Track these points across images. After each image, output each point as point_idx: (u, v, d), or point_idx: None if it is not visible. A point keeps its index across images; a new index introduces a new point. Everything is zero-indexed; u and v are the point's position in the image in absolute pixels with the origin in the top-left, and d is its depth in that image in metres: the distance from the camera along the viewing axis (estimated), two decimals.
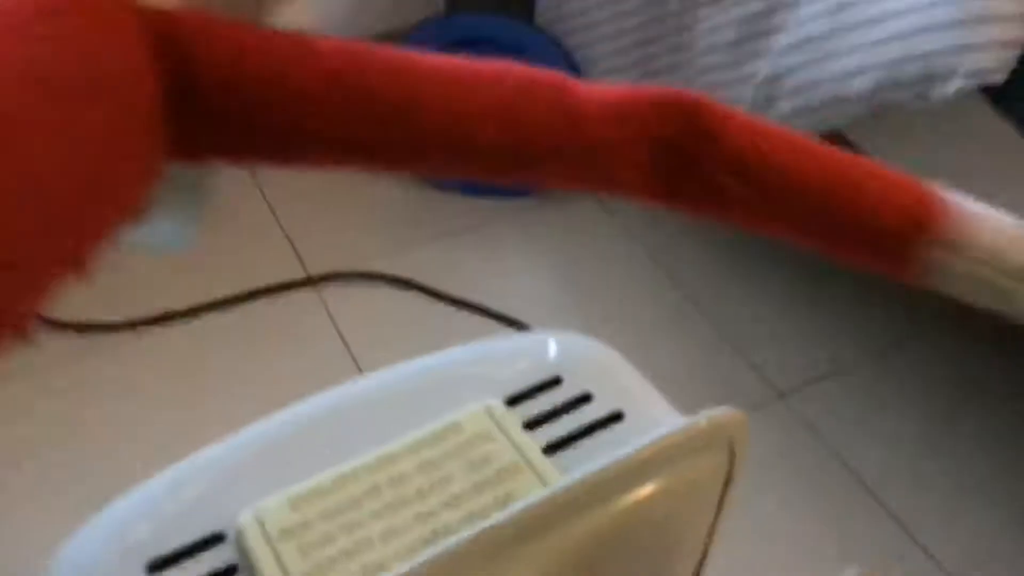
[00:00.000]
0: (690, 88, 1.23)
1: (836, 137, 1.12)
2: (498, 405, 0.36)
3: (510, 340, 0.40)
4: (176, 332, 1.16)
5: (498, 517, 0.29)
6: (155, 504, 0.33)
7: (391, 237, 1.30)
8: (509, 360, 0.38)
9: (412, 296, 1.23)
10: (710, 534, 0.35)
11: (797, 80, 1.03)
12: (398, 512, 0.33)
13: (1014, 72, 0.86)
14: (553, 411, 0.36)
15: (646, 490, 0.31)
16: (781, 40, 1.06)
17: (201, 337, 1.16)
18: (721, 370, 1.15)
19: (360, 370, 1.13)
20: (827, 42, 0.98)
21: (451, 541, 0.28)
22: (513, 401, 0.37)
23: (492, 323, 1.20)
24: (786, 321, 1.21)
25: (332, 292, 1.22)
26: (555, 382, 0.37)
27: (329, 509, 0.32)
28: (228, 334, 1.17)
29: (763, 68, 1.09)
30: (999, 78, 0.86)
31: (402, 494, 0.33)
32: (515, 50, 1.33)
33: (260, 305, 1.21)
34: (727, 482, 0.34)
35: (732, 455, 0.33)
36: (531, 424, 0.36)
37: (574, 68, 1.30)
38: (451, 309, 1.21)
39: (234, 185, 1.38)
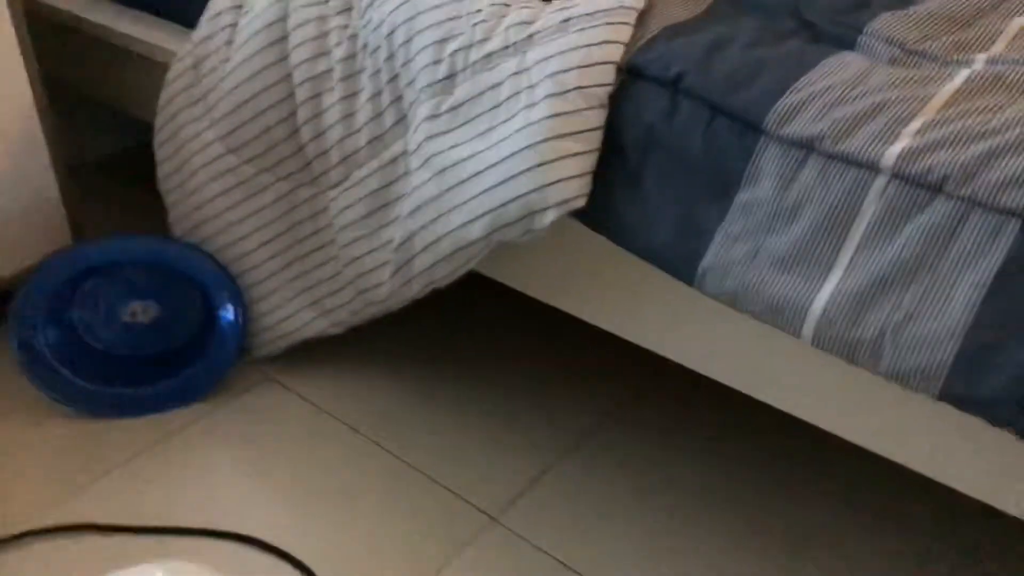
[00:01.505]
0: (337, 260, 1.29)
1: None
2: None
3: None
4: None
5: None
6: None
7: (54, 484, 1.20)
8: None
9: (99, 540, 1.13)
10: None
11: (424, 239, 1.13)
12: None
13: (593, 196, 1.01)
14: None
15: None
16: (403, 207, 1.16)
17: None
18: (434, 512, 1.18)
19: None
20: (439, 202, 1.10)
21: None
22: None
23: (201, 541, 1.14)
24: (476, 445, 1.27)
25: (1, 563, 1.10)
26: None
27: None
28: None
29: (396, 233, 1.18)
30: (582, 203, 1.01)
31: None
32: (158, 265, 1.32)
33: None
34: None
35: None
36: None
37: (219, 267, 1.32)
38: (149, 540, 1.13)
39: None
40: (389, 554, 1.13)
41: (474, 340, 1.49)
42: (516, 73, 1.04)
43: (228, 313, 1.33)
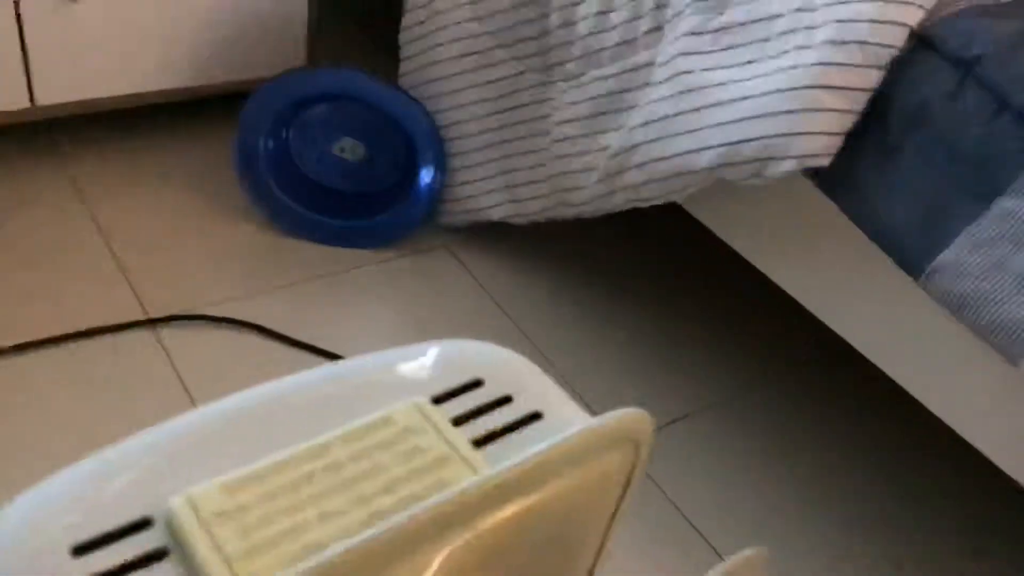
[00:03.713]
0: (545, 152, 1.29)
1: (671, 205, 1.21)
2: (426, 402, 0.37)
3: (428, 347, 0.41)
4: (1, 370, 1.08)
5: (437, 498, 0.29)
6: (80, 489, 0.31)
7: (238, 283, 1.27)
8: (430, 364, 0.39)
9: (257, 340, 1.20)
10: (609, 527, 0.37)
11: (645, 154, 1.10)
12: (336, 496, 0.32)
13: (837, 158, 0.97)
14: (477, 410, 0.37)
15: (563, 482, 0.33)
16: (633, 117, 1.14)
17: (28, 375, 1.08)
18: None
19: None
20: (674, 121, 1.07)
21: (393, 519, 0.28)
22: (438, 400, 0.38)
23: None
24: (625, 371, 1.27)
25: (171, 335, 1.18)
26: (477, 384, 0.38)
27: (265, 493, 0.31)
28: (57, 372, 1.09)
29: (615, 141, 1.16)
30: (824, 163, 0.96)
31: (338, 480, 0.33)
32: (377, 107, 1.36)
33: (93, 344, 1.14)
34: (630, 477, 0.36)
35: (637, 452, 0.35)
36: (457, 421, 0.37)
37: (433, 128, 1.34)
38: (299, 354, 1.19)
39: (71, 223, 1.31)
40: None
41: (660, 270, 1.47)
42: (800, 9, 0.99)
43: (428, 174, 1.35)
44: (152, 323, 1.19)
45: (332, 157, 1.40)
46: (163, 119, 1.53)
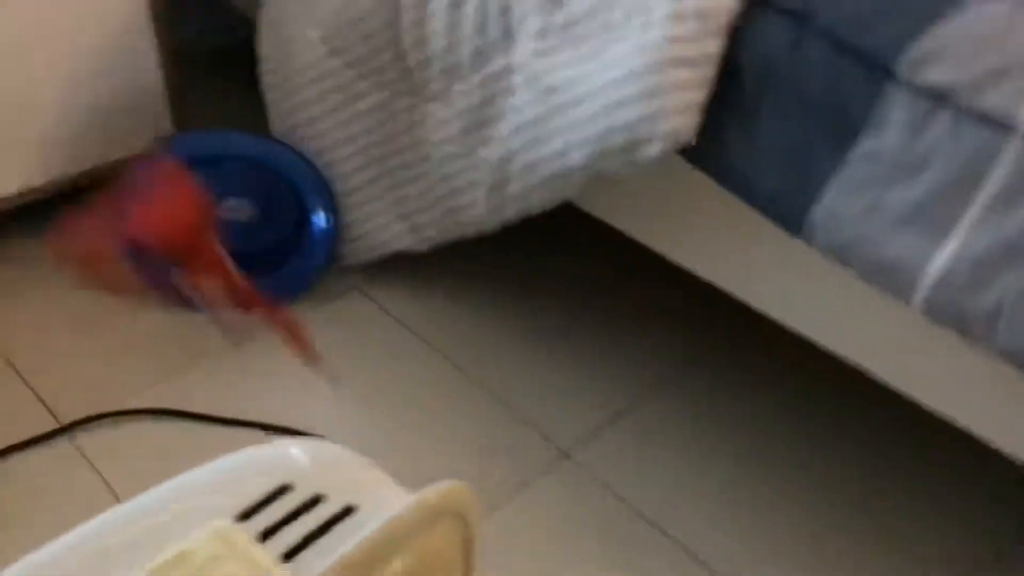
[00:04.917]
0: (430, 176, 1.29)
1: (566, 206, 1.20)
2: (227, 524, 0.36)
3: (228, 460, 0.39)
4: None
5: None
6: None
7: (149, 370, 1.24)
8: (236, 477, 0.38)
9: (182, 425, 1.17)
10: None
11: (522, 161, 1.10)
12: None
13: (702, 130, 0.97)
14: (286, 518, 0.36)
15: (390, 569, 0.32)
16: (502, 127, 1.13)
17: None
18: (506, 440, 1.18)
19: None
20: (541, 125, 1.07)
21: None
22: (246, 515, 0.37)
23: (274, 437, 1.17)
24: (557, 378, 1.27)
25: (89, 438, 1.15)
26: (285, 490, 0.38)
27: None
28: None
29: (493, 153, 1.16)
30: (690, 137, 0.97)
31: None
32: (257, 164, 1.33)
33: (7, 465, 1.11)
34: (467, 546, 0.35)
35: (465, 524, 0.35)
36: (267, 533, 0.36)
37: (315, 171, 1.32)
38: (228, 431, 1.17)
39: None
40: (458, 475, 1.14)
41: (569, 273, 1.47)
42: None
43: (321, 219, 1.34)
44: (66, 430, 1.15)
45: (221, 220, 1.37)
46: (40, 217, 1.49)
